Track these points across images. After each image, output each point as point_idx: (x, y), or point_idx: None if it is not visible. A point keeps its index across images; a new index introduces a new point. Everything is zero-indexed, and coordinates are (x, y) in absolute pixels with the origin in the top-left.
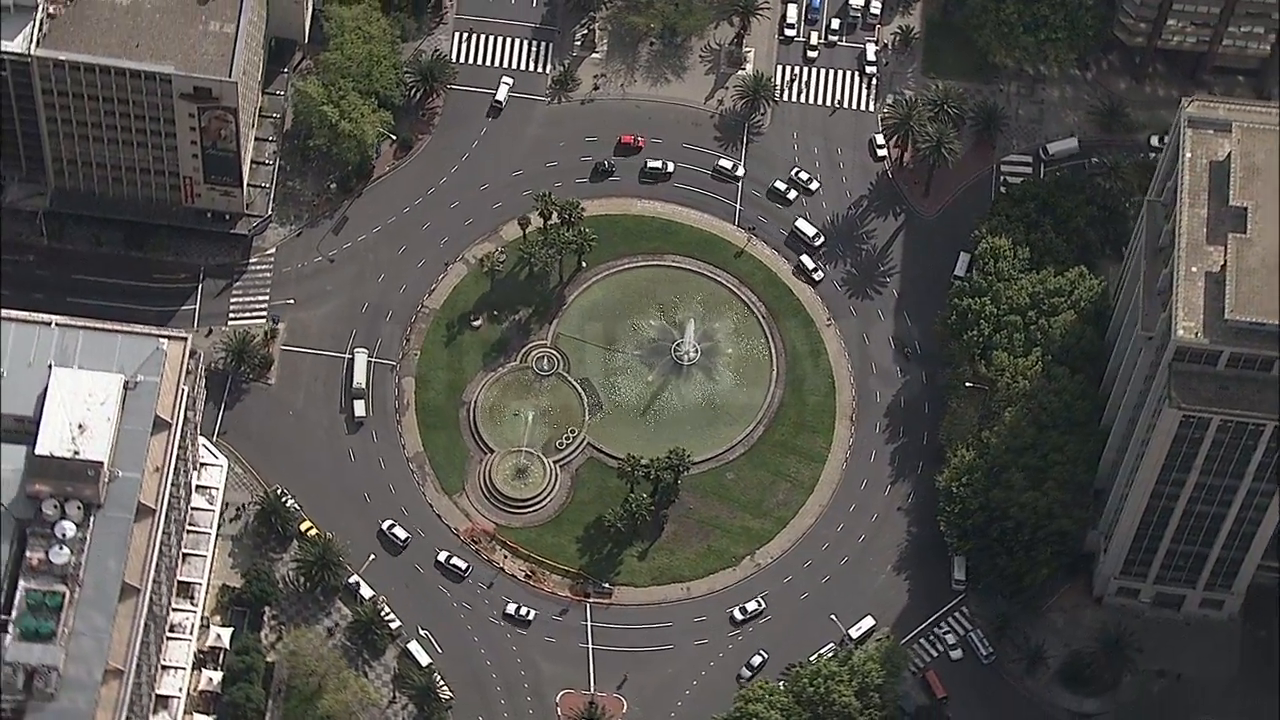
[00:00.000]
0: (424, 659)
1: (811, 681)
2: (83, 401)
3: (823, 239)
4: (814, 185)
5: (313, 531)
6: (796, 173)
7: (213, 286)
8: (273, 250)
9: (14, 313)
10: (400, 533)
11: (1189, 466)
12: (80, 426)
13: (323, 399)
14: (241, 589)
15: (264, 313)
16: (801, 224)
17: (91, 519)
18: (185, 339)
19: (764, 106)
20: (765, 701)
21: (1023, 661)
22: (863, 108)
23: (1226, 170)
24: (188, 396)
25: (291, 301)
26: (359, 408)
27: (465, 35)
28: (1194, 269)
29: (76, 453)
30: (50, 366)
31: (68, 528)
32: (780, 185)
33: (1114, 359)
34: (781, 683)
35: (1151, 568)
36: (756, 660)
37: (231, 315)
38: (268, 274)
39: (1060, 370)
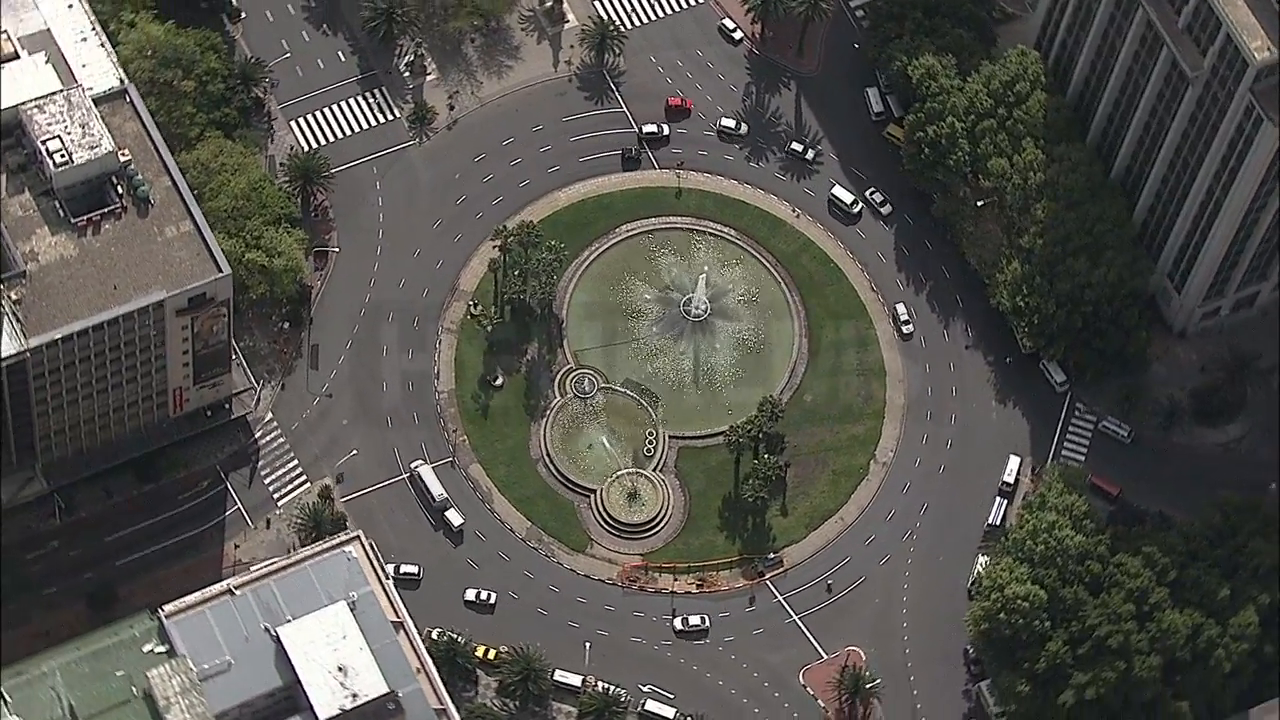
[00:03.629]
0: (668, 712)
1: (1035, 539)
2: (326, 645)
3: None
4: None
5: (492, 653)
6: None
7: (239, 479)
8: (269, 416)
9: (188, 599)
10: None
11: None
12: (341, 669)
13: (409, 528)
14: None
15: (302, 478)
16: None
17: None
18: (358, 535)
19: (615, 48)
20: (1013, 583)
21: (1160, 424)
22: (692, 3)
23: None
24: (396, 587)
25: (355, 453)
26: (454, 517)
27: (301, 120)
28: None
29: (355, 695)
30: (267, 630)
31: None
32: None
33: (1104, 111)
34: (984, 558)
35: (1230, 283)
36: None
37: (276, 497)
38: (281, 439)
39: (1061, 148)
